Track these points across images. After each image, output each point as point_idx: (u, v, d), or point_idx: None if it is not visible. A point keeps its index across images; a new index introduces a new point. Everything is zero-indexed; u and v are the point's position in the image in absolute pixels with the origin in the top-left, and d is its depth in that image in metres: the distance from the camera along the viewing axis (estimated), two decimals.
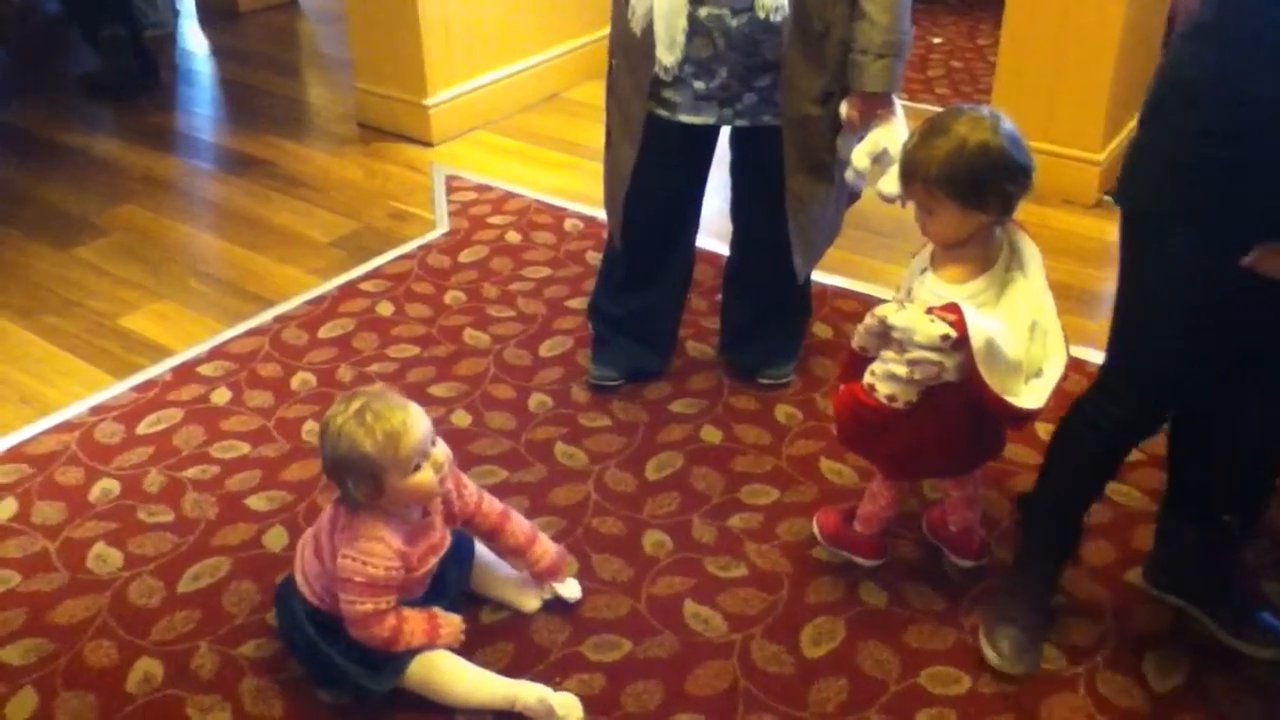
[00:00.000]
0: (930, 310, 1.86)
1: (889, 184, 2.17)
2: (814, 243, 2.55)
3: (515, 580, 2.18)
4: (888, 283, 3.04)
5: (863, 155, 2.31)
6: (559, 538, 2.30)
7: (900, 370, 1.90)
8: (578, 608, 2.17)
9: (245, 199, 3.73)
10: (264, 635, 2.13)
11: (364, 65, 4.10)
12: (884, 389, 1.93)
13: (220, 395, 2.77)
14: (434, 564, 2.02)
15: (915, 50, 4.57)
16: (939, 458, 2.08)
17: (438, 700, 1.98)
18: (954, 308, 1.84)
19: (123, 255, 3.41)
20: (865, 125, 2.32)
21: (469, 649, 2.05)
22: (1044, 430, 2.34)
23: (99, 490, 2.48)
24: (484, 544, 2.18)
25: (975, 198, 1.85)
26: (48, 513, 2.43)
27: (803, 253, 2.50)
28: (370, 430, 1.85)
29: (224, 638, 2.13)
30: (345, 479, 1.90)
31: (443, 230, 3.48)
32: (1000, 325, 1.87)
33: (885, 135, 2.29)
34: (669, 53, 2.31)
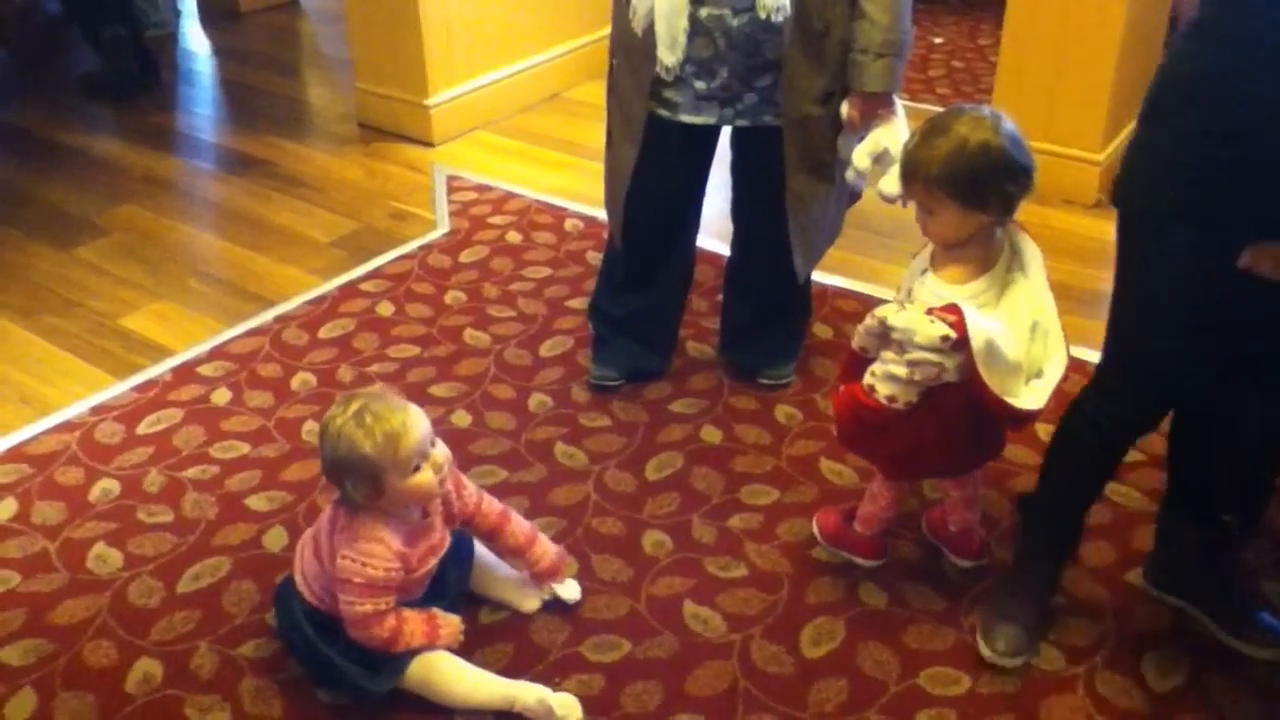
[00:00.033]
0: (930, 311, 1.85)
1: (890, 184, 2.17)
2: (814, 243, 2.54)
3: (515, 580, 2.18)
4: (888, 283, 3.03)
5: (863, 155, 2.31)
6: (559, 538, 2.30)
7: (900, 371, 1.90)
8: (577, 608, 2.17)
9: (246, 199, 3.73)
10: (264, 635, 2.13)
11: (365, 65, 4.10)
12: (884, 390, 1.93)
13: (220, 395, 2.77)
14: (434, 565, 2.02)
15: (916, 50, 4.57)
16: (939, 458, 2.08)
17: (437, 701, 1.98)
18: (954, 308, 1.83)
19: (123, 255, 3.41)
20: (866, 125, 2.32)
21: (468, 649, 2.05)
22: (1044, 431, 2.34)
23: (99, 490, 2.49)
24: (484, 544, 2.18)
25: (976, 198, 1.85)
26: (48, 513, 2.43)
27: (803, 253, 2.50)
28: (370, 431, 1.85)
29: (224, 638, 2.13)
30: (344, 480, 1.90)
31: (443, 230, 3.48)
32: (1000, 326, 1.87)
33: (886, 135, 2.29)
34: (670, 53, 2.31)
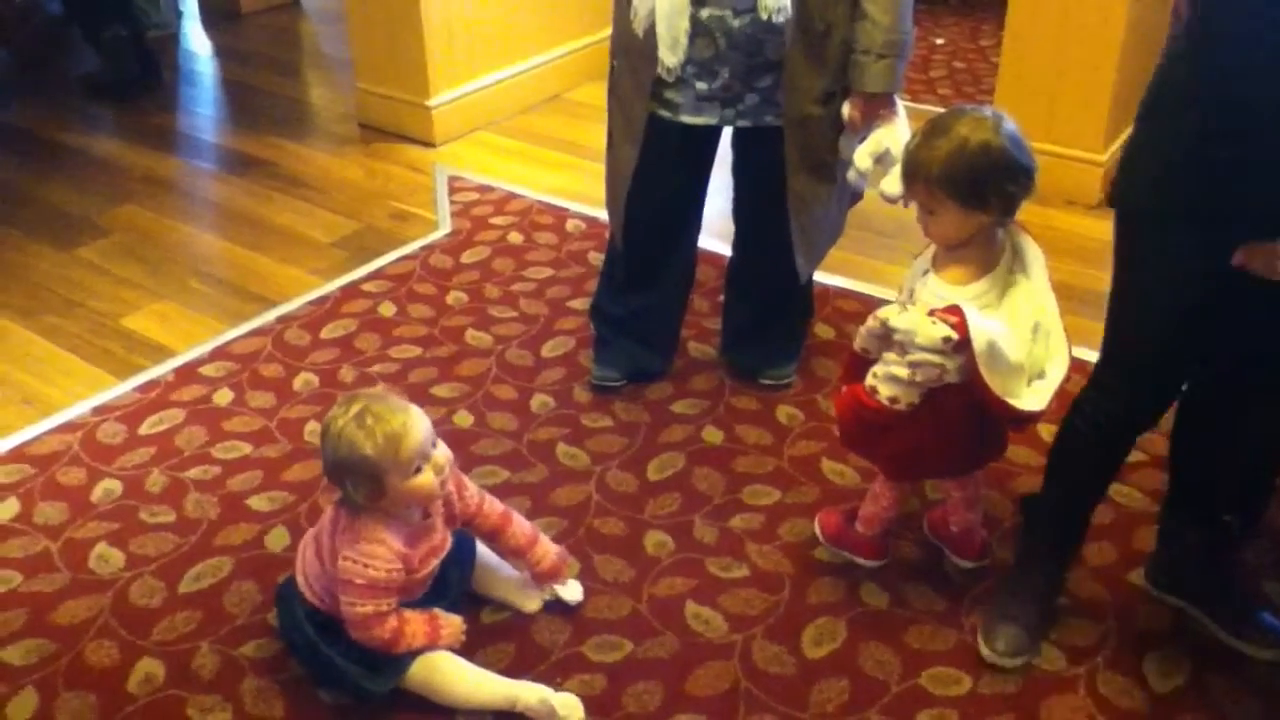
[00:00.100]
0: (932, 312, 1.86)
1: (891, 184, 2.17)
2: (816, 243, 2.55)
3: (516, 581, 2.18)
4: (890, 283, 3.03)
5: (865, 155, 2.31)
6: (560, 538, 2.30)
7: (902, 372, 1.90)
8: (579, 608, 2.17)
9: (247, 199, 3.73)
10: (265, 636, 2.13)
11: (365, 66, 4.10)
12: (886, 391, 1.93)
13: (222, 396, 2.77)
14: (435, 566, 2.02)
15: (918, 51, 4.57)
16: (941, 459, 2.08)
17: (439, 701, 1.98)
18: (956, 310, 1.83)
19: (124, 255, 3.42)
20: (867, 125, 2.32)
21: (470, 649, 2.05)
22: (1046, 431, 2.35)
23: (101, 490, 2.49)
24: (485, 545, 2.18)
25: (976, 198, 1.85)
26: (49, 513, 2.43)
27: (805, 253, 2.50)
28: (370, 433, 1.85)
29: (225, 638, 2.14)
30: (346, 481, 1.90)
31: (445, 231, 3.48)
32: (1002, 327, 1.87)
33: (887, 135, 2.29)
34: (671, 54, 2.31)
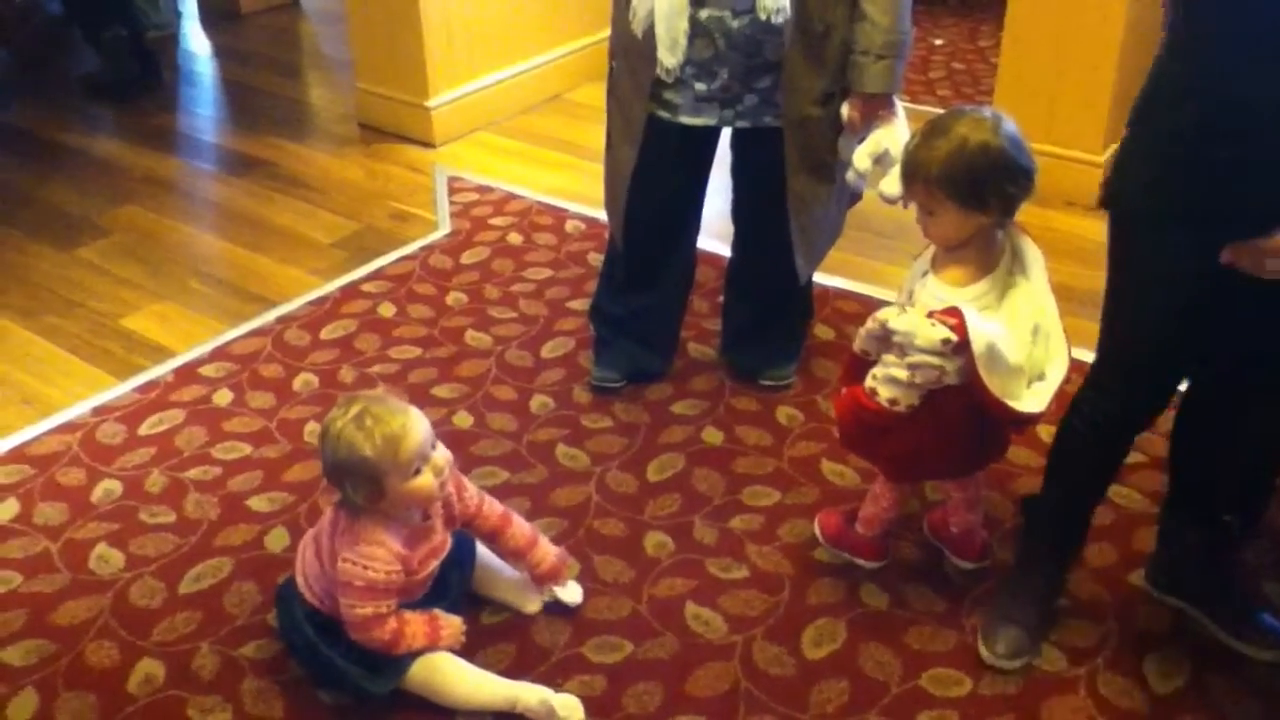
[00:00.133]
0: (931, 314, 1.86)
1: (890, 185, 2.17)
2: (815, 244, 2.55)
3: (516, 581, 2.18)
4: (889, 284, 3.03)
5: (864, 156, 2.31)
6: (560, 539, 2.30)
7: (901, 374, 1.90)
8: (579, 609, 2.17)
9: (247, 200, 3.74)
10: (265, 636, 2.13)
11: (365, 66, 4.10)
12: (885, 392, 1.93)
13: (222, 396, 2.77)
14: (434, 567, 2.02)
15: (917, 52, 4.57)
16: (941, 460, 2.08)
17: (439, 702, 1.98)
18: (955, 311, 1.83)
19: (124, 256, 3.42)
20: (866, 126, 2.32)
21: (470, 650, 2.05)
22: (1046, 433, 2.34)
23: (101, 491, 2.49)
24: (485, 546, 2.18)
25: (975, 199, 1.85)
26: (49, 514, 2.43)
27: (804, 254, 2.50)
28: (370, 434, 1.85)
29: (225, 639, 2.14)
30: (345, 483, 1.90)
31: (444, 231, 3.48)
32: (1001, 329, 1.87)
33: (886, 136, 2.29)
34: (670, 54, 2.31)
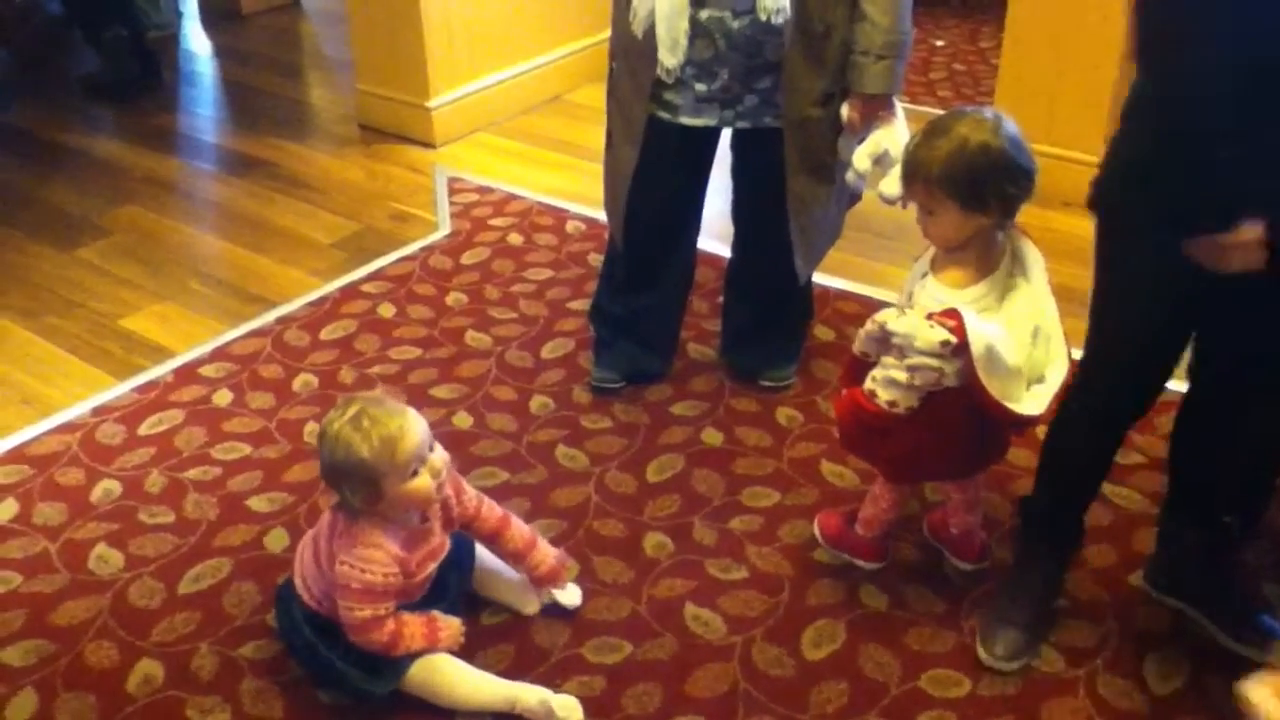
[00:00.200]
0: (930, 316, 1.85)
1: (890, 186, 2.17)
2: (815, 244, 2.54)
3: (516, 583, 2.18)
4: (889, 285, 3.03)
5: (864, 157, 2.31)
6: (560, 539, 2.30)
7: (900, 376, 1.90)
8: (578, 610, 2.17)
9: (247, 200, 3.73)
10: (264, 637, 2.13)
11: (366, 67, 4.10)
12: (884, 394, 1.93)
13: (222, 396, 2.77)
14: (433, 569, 2.01)
15: (917, 53, 4.57)
16: (941, 462, 2.08)
17: (438, 702, 1.98)
18: (954, 313, 1.83)
19: (124, 256, 3.42)
20: (866, 127, 2.32)
21: (469, 651, 2.05)
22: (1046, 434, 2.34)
23: (100, 491, 2.49)
24: (484, 547, 2.18)
25: (975, 199, 1.85)
26: (49, 514, 2.43)
27: (804, 254, 2.50)
28: (367, 435, 1.84)
29: (224, 639, 2.14)
30: (343, 485, 1.89)
31: (444, 232, 3.48)
32: (1001, 331, 1.86)
33: (886, 137, 2.29)
34: (671, 55, 2.30)
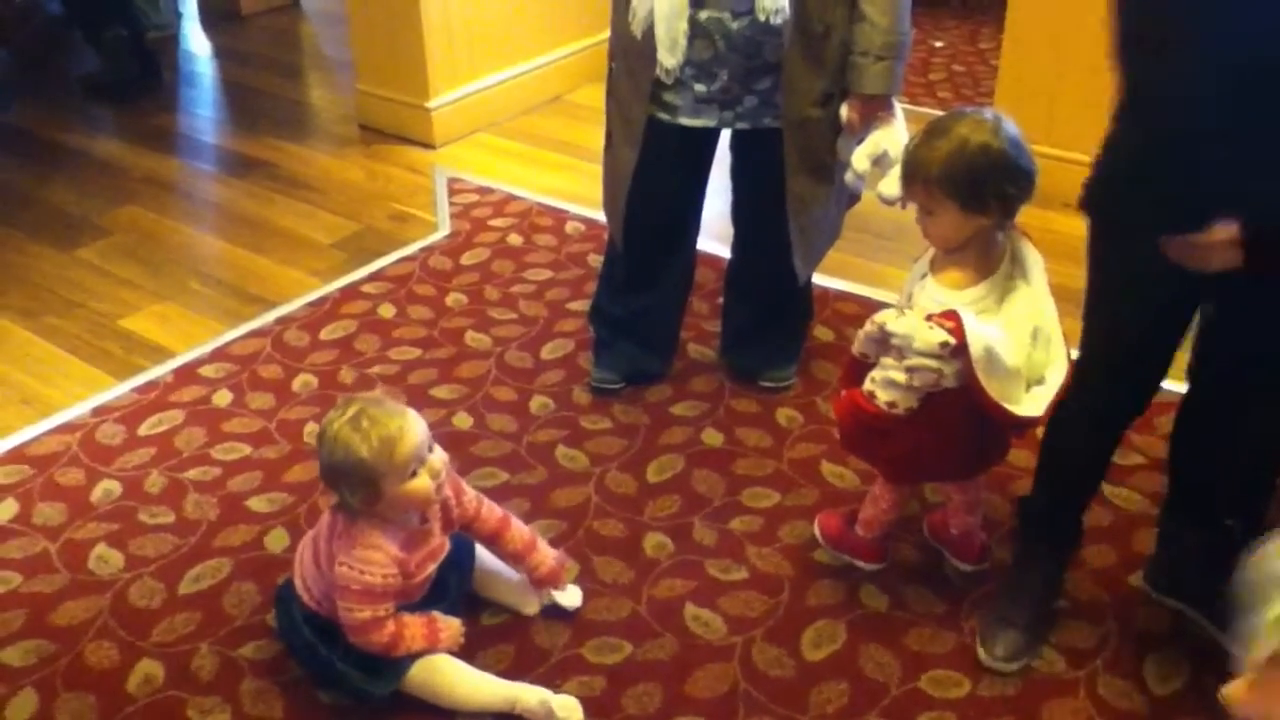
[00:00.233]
0: (929, 317, 1.85)
1: (889, 186, 2.18)
2: (814, 244, 2.54)
3: (516, 583, 2.18)
4: (889, 286, 3.03)
5: (862, 157, 2.31)
6: (560, 540, 2.30)
7: (899, 377, 1.90)
8: (579, 610, 2.17)
9: (247, 200, 3.73)
10: (264, 637, 2.13)
11: (366, 67, 4.10)
12: (884, 395, 1.93)
13: (221, 397, 2.77)
14: (432, 570, 2.01)
15: (917, 53, 4.57)
16: (941, 463, 2.08)
17: (438, 703, 1.98)
18: (953, 315, 1.83)
19: (124, 256, 3.42)
20: (865, 127, 2.32)
21: (469, 651, 2.05)
22: None
23: (100, 491, 2.49)
24: (484, 548, 2.18)
25: (975, 199, 1.85)
26: (49, 514, 2.43)
27: (802, 255, 2.50)
28: (366, 436, 1.84)
29: (224, 639, 2.14)
30: (341, 485, 1.89)
31: (444, 232, 3.48)
32: (1000, 332, 1.86)
33: (885, 137, 2.29)
34: (670, 55, 2.30)
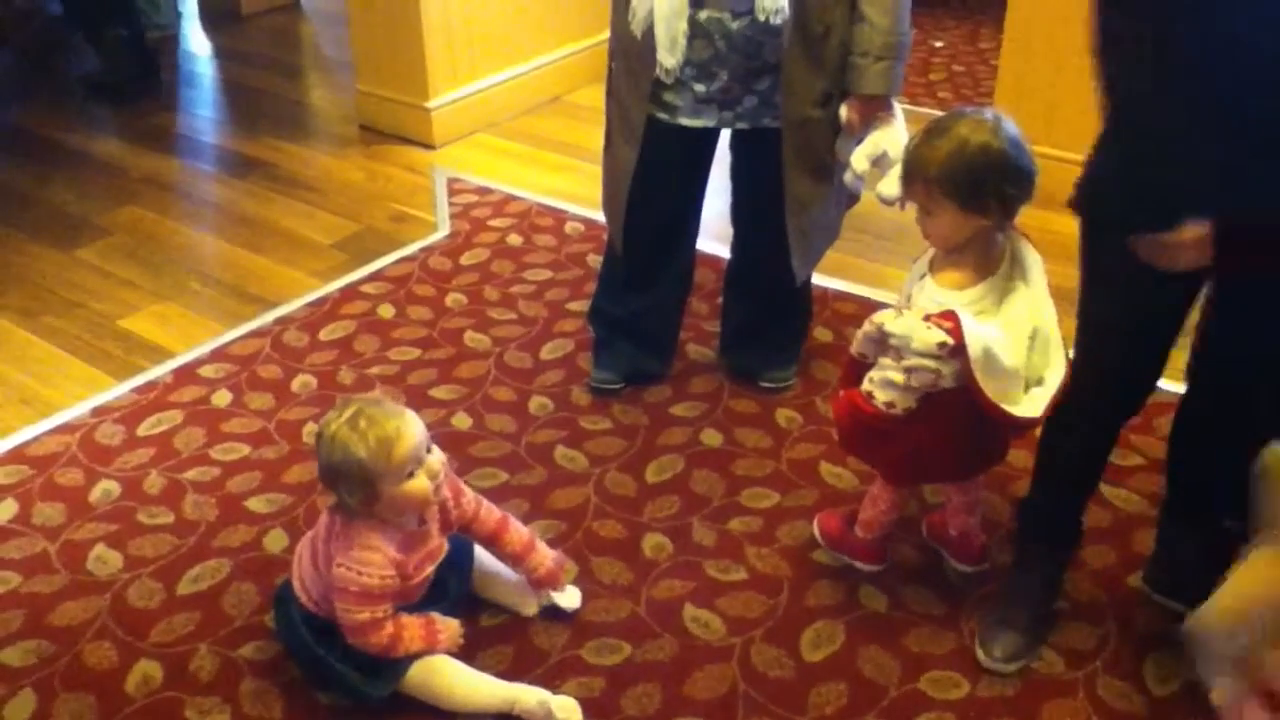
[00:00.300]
0: (928, 317, 1.85)
1: (888, 187, 2.17)
2: (813, 245, 2.54)
3: (515, 584, 2.18)
4: (888, 286, 3.03)
5: (862, 158, 2.31)
6: (559, 541, 2.30)
7: (897, 377, 1.89)
8: (578, 611, 2.16)
9: (247, 201, 3.73)
10: (263, 637, 2.13)
11: (366, 67, 4.10)
12: (882, 396, 1.93)
13: (221, 397, 2.77)
14: (431, 571, 2.01)
15: (917, 54, 4.57)
16: (940, 463, 2.08)
17: (437, 704, 1.98)
18: (951, 315, 1.83)
19: (124, 257, 3.42)
20: (865, 128, 2.32)
21: (469, 652, 2.05)
22: None
23: (99, 492, 2.49)
24: (483, 548, 2.18)
25: (974, 199, 1.85)
26: (48, 514, 2.43)
27: (800, 255, 2.50)
28: (364, 436, 1.84)
29: (223, 640, 2.14)
30: (339, 486, 1.89)
31: (444, 233, 3.48)
32: (998, 333, 1.86)
33: (885, 138, 2.29)
34: (670, 55, 2.30)
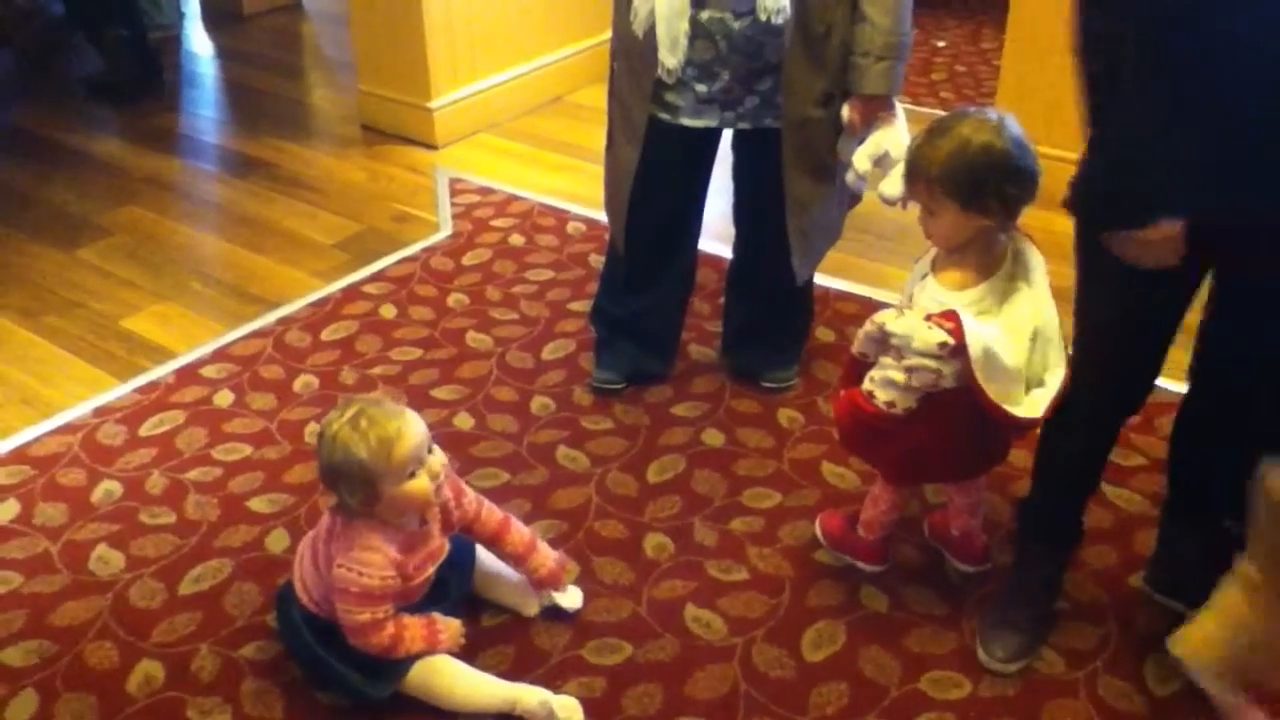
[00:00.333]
0: (929, 317, 1.85)
1: (890, 187, 2.18)
2: (814, 245, 2.54)
3: (516, 584, 2.18)
4: (890, 286, 3.03)
5: (863, 158, 2.31)
6: (560, 541, 2.30)
7: (898, 377, 1.89)
8: (579, 611, 2.16)
9: (248, 201, 3.74)
10: (265, 638, 2.13)
11: (368, 68, 4.10)
12: (883, 395, 1.93)
13: (223, 397, 2.78)
14: (431, 572, 2.01)
15: (919, 53, 4.57)
16: (941, 463, 2.08)
17: (438, 704, 1.98)
18: (952, 315, 1.83)
19: (125, 257, 3.42)
20: (866, 128, 2.32)
21: (470, 652, 2.05)
22: None
23: (101, 492, 2.49)
24: (484, 549, 2.18)
25: (976, 199, 1.85)
26: (50, 514, 2.43)
27: (801, 255, 2.50)
28: (364, 436, 1.84)
29: (225, 640, 2.14)
30: (340, 486, 1.89)
31: (446, 233, 3.48)
32: (999, 333, 1.86)
33: (886, 138, 2.29)
34: (671, 55, 2.30)
